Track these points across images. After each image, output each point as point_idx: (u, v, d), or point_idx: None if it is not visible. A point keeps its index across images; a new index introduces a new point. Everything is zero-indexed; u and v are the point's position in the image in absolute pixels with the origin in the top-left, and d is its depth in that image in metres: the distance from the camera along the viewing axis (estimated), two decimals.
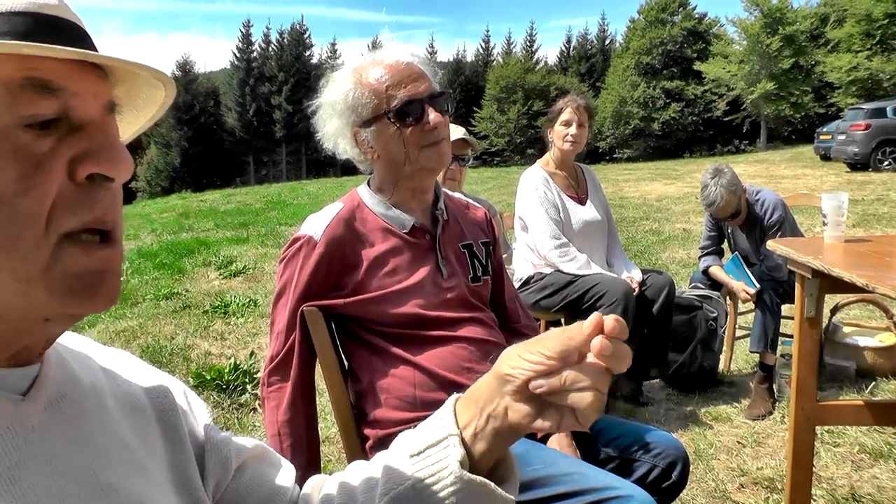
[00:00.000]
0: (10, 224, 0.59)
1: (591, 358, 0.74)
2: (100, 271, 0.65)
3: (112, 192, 0.66)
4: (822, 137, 21.74)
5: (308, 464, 1.72)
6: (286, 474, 0.95)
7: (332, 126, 1.77)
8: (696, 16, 49.59)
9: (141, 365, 0.88)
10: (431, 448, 0.83)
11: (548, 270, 3.69)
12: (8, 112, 0.58)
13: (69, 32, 0.64)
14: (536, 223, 3.70)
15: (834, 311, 4.31)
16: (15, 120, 0.59)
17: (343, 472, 0.95)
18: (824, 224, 2.67)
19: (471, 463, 0.81)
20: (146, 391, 0.83)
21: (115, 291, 0.67)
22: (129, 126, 0.78)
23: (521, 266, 3.84)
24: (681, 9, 49.46)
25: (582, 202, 3.86)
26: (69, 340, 0.80)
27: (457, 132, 3.44)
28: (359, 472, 0.92)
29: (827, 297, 2.58)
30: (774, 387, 3.91)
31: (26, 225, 0.59)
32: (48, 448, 0.65)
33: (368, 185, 1.84)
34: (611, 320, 0.73)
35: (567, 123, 3.73)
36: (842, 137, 19.15)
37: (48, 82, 0.60)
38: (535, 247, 3.73)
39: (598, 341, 0.72)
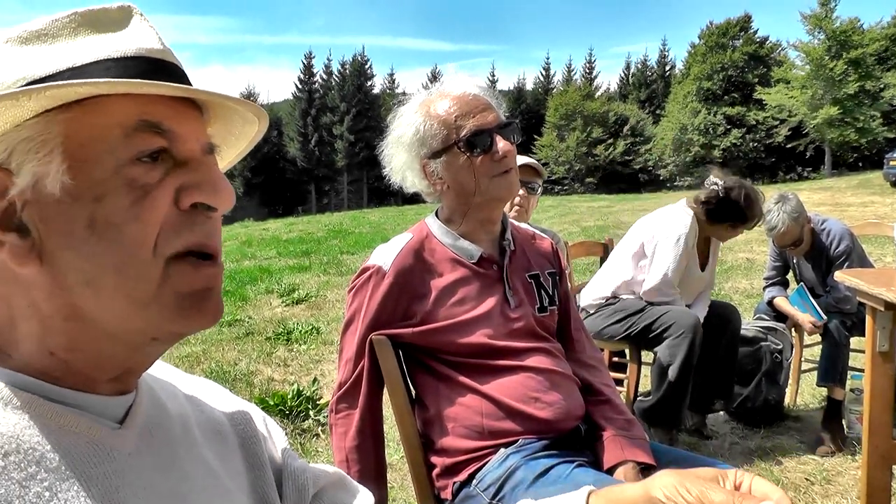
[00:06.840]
0: (122, 248, 0.64)
1: None
2: (206, 289, 0.69)
3: (213, 220, 0.71)
4: (892, 163, 21.02)
5: (375, 491, 1.75)
6: (364, 501, 0.97)
7: (399, 159, 1.81)
8: (758, 39, 48.78)
9: (222, 392, 0.91)
10: None
11: (626, 295, 3.66)
12: (124, 152, 0.64)
13: (174, 74, 0.70)
14: (664, 262, 3.58)
15: None
16: (128, 157, 0.64)
17: None
18: None
19: None
20: (228, 418, 0.86)
21: (220, 308, 0.72)
22: (220, 161, 0.82)
23: (600, 286, 3.77)
24: (742, 33, 48.78)
25: (702, 267, 3.80)
26: (154, 369, 0.83)
27: (522, 159, 3.41)
28: None
29: None
30: (844, 422, 3.79)
31: (137, 248, 0.64)
32: (143, 474, 0.68)
33: (437, 215, 1.87)
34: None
35: None
36: None
37: (158, 123, 0.65)
38: (643, 277, 3.65)
39: None
